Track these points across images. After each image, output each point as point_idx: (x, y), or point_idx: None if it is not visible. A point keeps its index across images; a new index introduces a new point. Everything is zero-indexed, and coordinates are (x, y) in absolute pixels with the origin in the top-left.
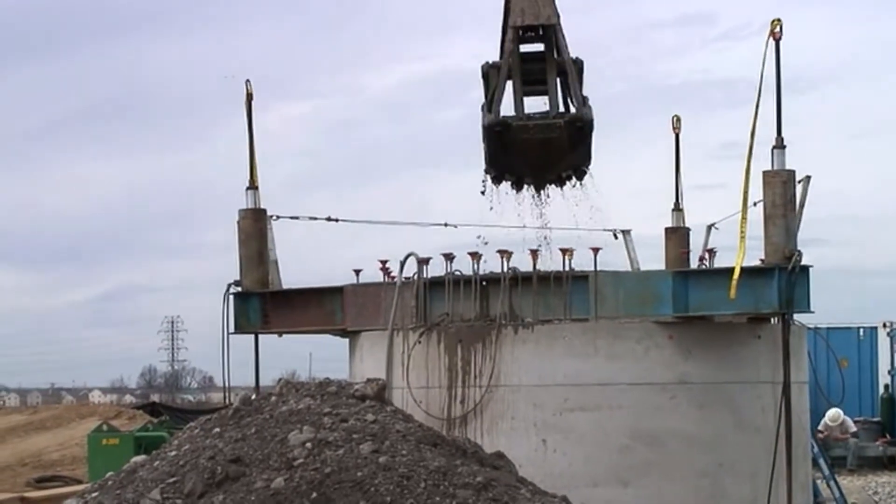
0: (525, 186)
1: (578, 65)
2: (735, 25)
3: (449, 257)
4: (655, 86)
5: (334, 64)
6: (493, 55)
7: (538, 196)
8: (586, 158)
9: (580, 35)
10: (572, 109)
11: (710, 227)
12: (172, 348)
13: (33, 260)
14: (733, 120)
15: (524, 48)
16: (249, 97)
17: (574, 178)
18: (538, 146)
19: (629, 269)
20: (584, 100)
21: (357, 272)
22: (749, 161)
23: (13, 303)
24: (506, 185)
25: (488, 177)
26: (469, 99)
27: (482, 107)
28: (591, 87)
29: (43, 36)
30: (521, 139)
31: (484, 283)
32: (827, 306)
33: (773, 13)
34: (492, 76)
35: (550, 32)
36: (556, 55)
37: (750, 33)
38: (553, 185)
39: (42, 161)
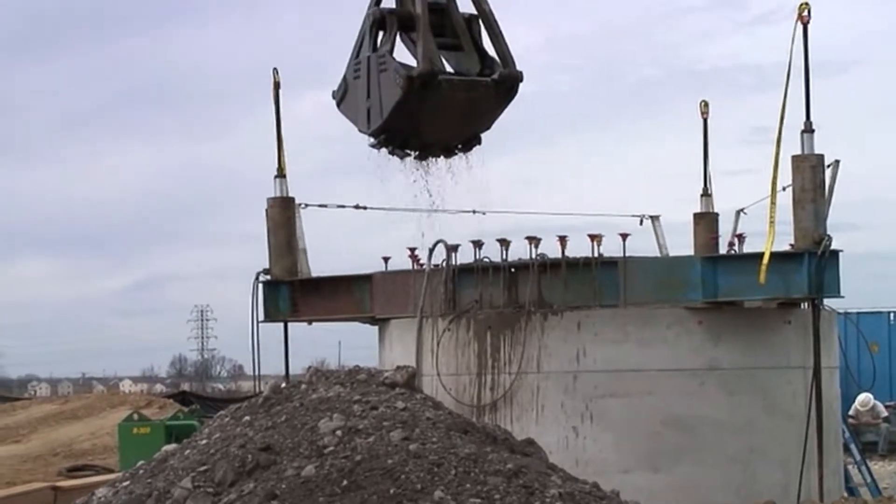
0: (425, 156)
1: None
2: (766, 9)
3: (478, 244)
4: (686, 70)
5: None
6: (518, 41)
7: (425, 166)
8: (489, 126)
9: (612, 20)
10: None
11: (738, 213)
12: (202, 337)
13: (64, 249)
14: (763, 104)
15: None
16: (277, 86)
17: (463, 149)
18: (459, 107)
19: (658, 255)
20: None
21: (386, 260)
22: (778, 146)
23: (44, 292)
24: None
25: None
26: None
27: (365, 60)
28: (622, 71)
29: (73, 27)
30: (445, 97)
31: (513, 269)
32: (859, 291)
33: None
34: (389, 23)
35: None
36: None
37: (781, 17)
38: (439, 156)
39: (73, 150)
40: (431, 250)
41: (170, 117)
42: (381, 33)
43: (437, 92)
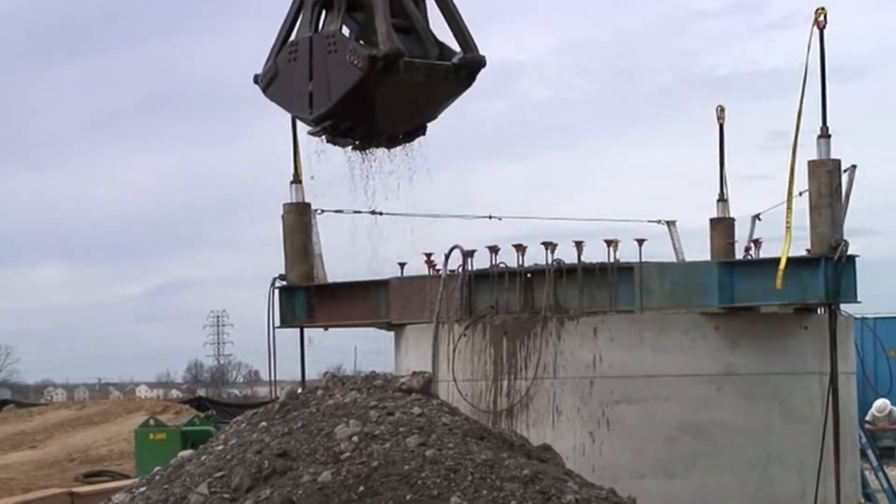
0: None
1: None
2: (783, 14)
3: (494, 250)
4: (702, 75)
5: None
6: (536, 46)
7: (367, 157)
8: (438, 114)
9: (629, 25)
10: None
11: (755, 218)
12: (218, 343)
13: (82, 255)
14: (780, 109)
15: None
16: None
17: (407, 138)
18: (415, 92)
19: (674, 260)
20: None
21: (402, 265)
22: (794, 151)
23: (61, 298)
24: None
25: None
26: (514, 91)
27: (305, 41)
28: (638, 76)
29: (89, 33)
30: (403, 81)
31: (529, 275)
32: (876, 296)
33: (822, 1)
34: (337, 1)
35: None
36: None
37: (798, 22)
38: (381, 146)
39: (93, 156)
40: (447, 256)
41: (188, 123)
42: (324, 12)
43: (397, 75)
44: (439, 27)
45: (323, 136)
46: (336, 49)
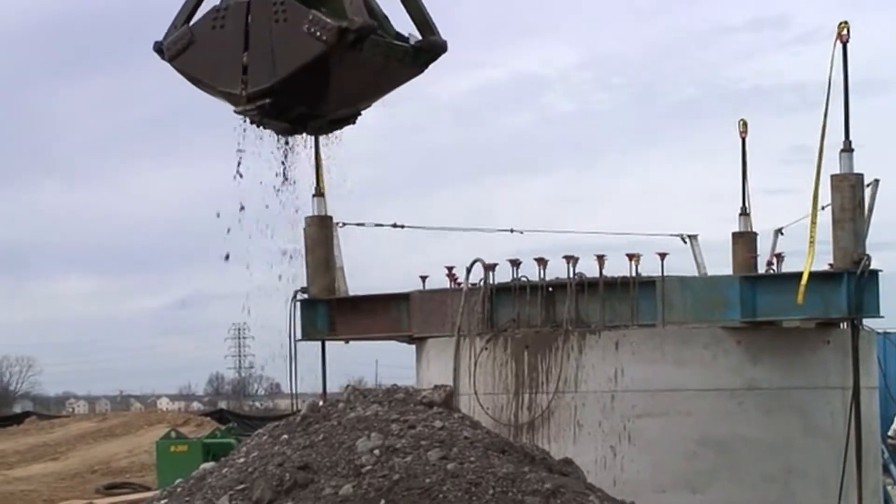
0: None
1: None
2: (808, 29)
3: (515, 263)
4: (726, 89)
5: None
6: (560, 60)
7: (290, 143)
8: (373, 102)
9: (652, 40)
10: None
11: (777, 232)
12: (240, 355)
13: (104, 268)
14: (803, 123)
15: None
16: None
17: (337, 125)
18: (371, 72)
19: (696, 274)
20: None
21: (423, 279)
22: (819, 165)
23: (83, 310)
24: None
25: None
26: (538, 104)
27: (240, 5)
28: (662, 90)
29: (116, 45)
30: (363, 59)
31: (550, 288)
32: None
33: (847, 16)
34: None
35: None
36: None
37: (822, 36)
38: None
39: (115, 169)
40: (469, 269)
41: (209, 136)
42: None
43: (359, 52)
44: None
45: (249, 117)
46: (286, 17)
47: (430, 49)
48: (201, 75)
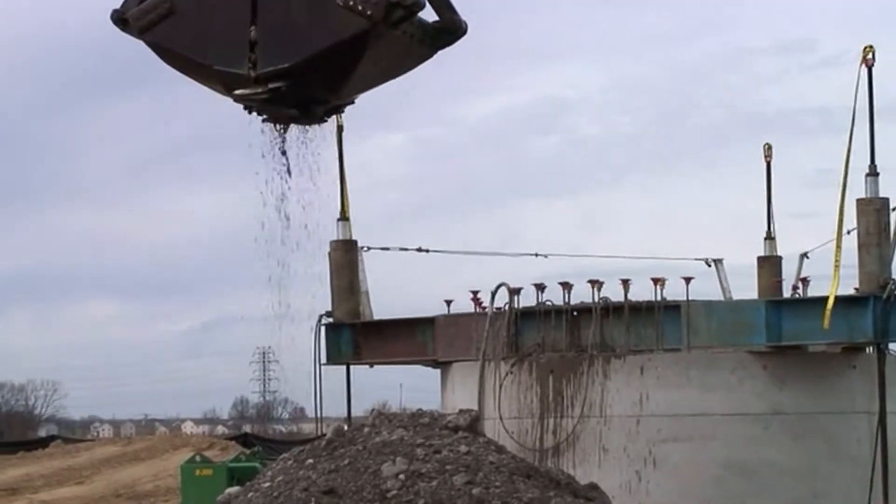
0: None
1: None
2: (833, 52)
3: (540, 287)
4: (750, 113)
5: (434, 93)
6: (585, 83)
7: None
8: (375, 87)
9: (677, 63)
10: None
11: (802, 256)
12: (264, 379)
13: (129, 292)
14: (828, 147)
15: None
16: (340, 129)
17: (333, 111)
18: (395, 52)
19: (721, 298)
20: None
21: (448, 303)
22: (844, 189)
23: (108, 334)
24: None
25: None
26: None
27: None
28: (686, 113)
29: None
30: (394, 38)
31: (575, 313)
32: None
33: (872, 40)
34: None
35: None
36: None
37: (848, 60)
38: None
39: (141, 194)
40: (494, 294)
41: (234, 160)
42: None
43: (395, 30)
44: None
45: (252, 103)
46: None
47: (452, 29)
48: (188, 51)
